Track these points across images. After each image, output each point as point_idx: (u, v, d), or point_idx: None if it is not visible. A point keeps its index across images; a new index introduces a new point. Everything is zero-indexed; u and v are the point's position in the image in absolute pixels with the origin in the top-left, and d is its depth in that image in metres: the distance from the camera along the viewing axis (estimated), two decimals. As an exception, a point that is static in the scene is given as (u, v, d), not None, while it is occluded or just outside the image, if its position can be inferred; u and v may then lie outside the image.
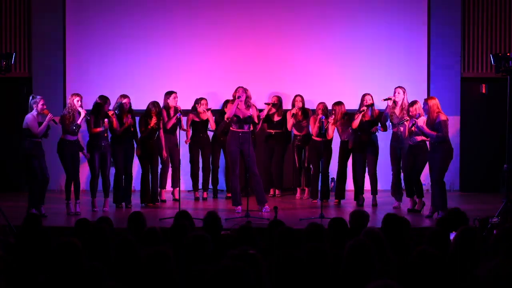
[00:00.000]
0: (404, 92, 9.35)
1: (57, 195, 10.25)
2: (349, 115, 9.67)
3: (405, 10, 11.15)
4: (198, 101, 10.20)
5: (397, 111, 9.27)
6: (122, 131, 9.32)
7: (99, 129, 9.04)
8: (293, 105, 10.25)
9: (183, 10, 11.20)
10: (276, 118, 10.45)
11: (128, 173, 9.53)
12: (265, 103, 10.33)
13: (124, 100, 9.43)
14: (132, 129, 9.47)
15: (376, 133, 9.58)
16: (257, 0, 11.20)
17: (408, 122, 8.86)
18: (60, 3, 11.21)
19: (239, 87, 9.08)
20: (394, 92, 9.39)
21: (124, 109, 9.40)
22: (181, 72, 11.11)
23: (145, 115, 9.62)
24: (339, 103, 9.80)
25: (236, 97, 8.97)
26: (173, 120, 9.76)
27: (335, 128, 9.82)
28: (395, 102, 9.28)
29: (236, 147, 9.00)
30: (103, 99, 9.24)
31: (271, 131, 10.48)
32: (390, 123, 9.43)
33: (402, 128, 9.07)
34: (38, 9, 11.31)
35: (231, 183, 9.25)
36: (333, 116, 9.71)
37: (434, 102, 8.51)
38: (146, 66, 11.14)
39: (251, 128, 9.18)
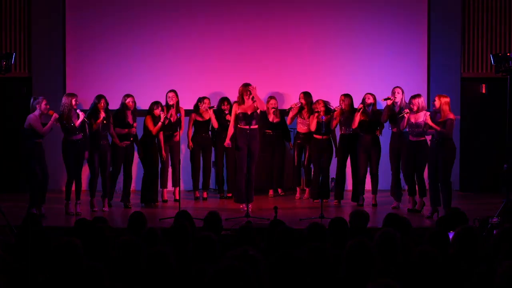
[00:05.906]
0: (402, 92, 9.39)
1: (57, 195, 10.23)
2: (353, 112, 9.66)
3: (405, 10, 11.14)
4: (200, 100, 10.19)
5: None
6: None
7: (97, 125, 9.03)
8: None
9: (183, 9, 11.18)
10: (275, 119, 10.40)
11: (127, 173, 9.54)
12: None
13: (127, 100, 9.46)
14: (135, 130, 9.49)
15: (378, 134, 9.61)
16: (258, 0, 11.20)
17: (408, 114, 8.88)
18: (60, 3, 11.20)
19: (248, 85, 8.95)
20: (394, 92, 9.40)
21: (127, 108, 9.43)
22: (182, 72, 11.10)
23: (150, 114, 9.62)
24: (348, 95, 9.78)
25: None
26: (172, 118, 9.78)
27: (337, 123, 9.78)
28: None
29: (244, 145, 8.89)
30: (98, 98, 9.21)
31: (269, 131, 10.44)
32: (390, 124, 9.43)
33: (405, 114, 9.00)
34: (38, 9, 11.30)
35: (237, 182, 9.10)
36: (339, 107, 9.66)
37: (446, 100, 8.56)
38: (146, 65, 11.13)
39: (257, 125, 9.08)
